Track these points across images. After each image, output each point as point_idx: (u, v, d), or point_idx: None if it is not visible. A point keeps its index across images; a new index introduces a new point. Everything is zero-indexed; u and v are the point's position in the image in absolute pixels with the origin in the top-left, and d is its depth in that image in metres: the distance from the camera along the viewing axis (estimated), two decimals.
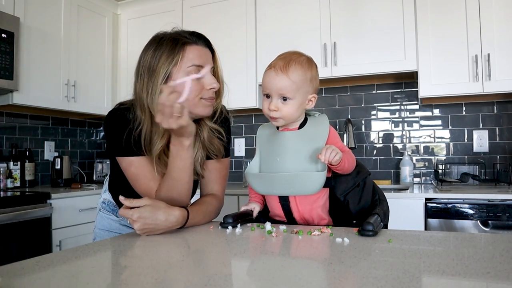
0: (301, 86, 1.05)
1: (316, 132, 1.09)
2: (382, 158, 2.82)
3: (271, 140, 1.14)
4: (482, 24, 2.27)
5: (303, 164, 1.06)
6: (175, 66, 1.05)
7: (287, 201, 1.11)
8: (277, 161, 1.09)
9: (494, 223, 1.96)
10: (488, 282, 0.62)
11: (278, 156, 1.09)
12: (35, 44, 2.56)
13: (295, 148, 1.08)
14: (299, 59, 1.07)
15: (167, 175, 1.09)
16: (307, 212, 1.11)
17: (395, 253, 0.79)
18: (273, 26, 2.75)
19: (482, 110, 2.60)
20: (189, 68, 1.06)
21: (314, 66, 1.10)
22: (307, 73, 1.06)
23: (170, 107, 0.93)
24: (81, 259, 0.80)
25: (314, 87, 1.09)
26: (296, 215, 1.12)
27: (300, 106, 1.07)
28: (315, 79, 1.09)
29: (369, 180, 1.17)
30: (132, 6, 3.22)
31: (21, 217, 2.10)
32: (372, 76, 2.62)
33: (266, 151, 1.14)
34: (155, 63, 1.05)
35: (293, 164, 1.07)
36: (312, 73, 1.08)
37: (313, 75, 1.08)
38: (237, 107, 2.80)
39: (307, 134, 1.09)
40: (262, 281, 0.66)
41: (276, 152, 1.10)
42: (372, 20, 2.50)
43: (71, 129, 3.28)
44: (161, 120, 0.95)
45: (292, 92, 1.04)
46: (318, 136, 1.08)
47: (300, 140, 1.09)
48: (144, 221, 0.97)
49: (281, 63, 1.05)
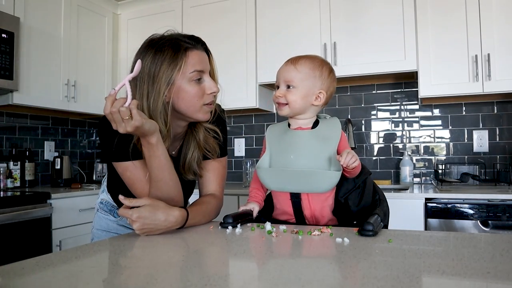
0: (306, 78, 1.10)
1: (329, 133, 1.12)
2: (382, 158, 2.82)
3: (283, 138, 1.15)
4: (482, 24, 2.27)
5: (317, 162, 1.08)
6: (178, 72, 1.05)
7: (299, 198, 1.12)
8: (291, 158, 1.10)
9: (494, 223, 1.96)
10: (488, 282, 0.62)
11: (292, 153, 1.11)
12: (35, 44, 2.56)
13: (309, 147, 1.10)
14: (313, 57, 1.14)
15: (150, 178, 1.08)
16: (318, 210, 1.12)
17: (395, 253, 0.79)
18: (273, 26, 2.75)
19: (482, 110, 2.60)
20: (191, 74, 1.07)
21: (327, 67, 1.14)
22: (316, 70, 1.11)
23: (117, 113, 0.92)
24: (81, 259, 0.80)
25: (324, 85, 1.12)
26: (307, 213, 1.13)
27: (305, 97, 1.10)
28: (326, 79, 1.12)
29: (369, 180, 1.18)
30: (132, 6, 3.22)
31: (21, 217, 2.10)
32: (372, 76, 2.61)
33: (278, 148, 1.15)
34: (156, 69, 1.04)
35: (308, 162, 1.08)
36: (322, 72, 1.12)
37: (323, 73, 1.12)
38: (237, 107, 2.80)
39: (320, 134, 1.12)
40: (262, 281, 0.66)
41: (289, 149, 1.12)
42: (372, 20, 2.50)
43: (71, 129, 3.28)
44: (116, 127, 0.95)
45: (296, 81, 1.10)
46: (331, 137, 1.11)
47: (314, 140, 1.11)
48: (143, 221, 0.97)
49: (294, 58, 1.13)
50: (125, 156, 1.10)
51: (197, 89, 1.08)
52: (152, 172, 1.06)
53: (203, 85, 1.10)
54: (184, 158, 1.19)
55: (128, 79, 0.95)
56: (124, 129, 0.94)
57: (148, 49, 1.07)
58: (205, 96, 1.10)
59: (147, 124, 0.97)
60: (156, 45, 1.07)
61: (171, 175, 1.09)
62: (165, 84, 1.04)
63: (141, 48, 1.10)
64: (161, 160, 1.05)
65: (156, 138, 1.02)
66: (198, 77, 1.08)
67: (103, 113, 0.97)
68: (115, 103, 0.93)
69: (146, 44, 1.10)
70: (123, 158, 1.10)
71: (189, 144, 1.19)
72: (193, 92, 1.08)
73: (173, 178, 1.10)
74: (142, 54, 1.07)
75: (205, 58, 1.12)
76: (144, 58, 1.06)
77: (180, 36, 1.10)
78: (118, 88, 0.95)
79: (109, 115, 0.94)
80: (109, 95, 0.94)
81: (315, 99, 1.11)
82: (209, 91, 1.10)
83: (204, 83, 1.10)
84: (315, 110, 1.15)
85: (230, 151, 3.19)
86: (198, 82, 1.09)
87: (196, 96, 1.08)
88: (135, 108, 0.93)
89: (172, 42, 1.07)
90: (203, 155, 1.21)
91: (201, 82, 1.09)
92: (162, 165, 1.05)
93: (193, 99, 1.08)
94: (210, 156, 1.22)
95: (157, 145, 1.02)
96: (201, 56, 1.10)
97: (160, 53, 1.05)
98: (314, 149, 1.09)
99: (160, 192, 1.08)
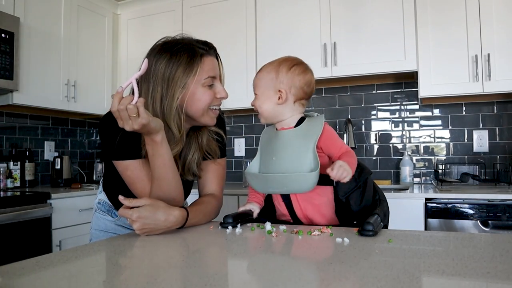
0: (264, 83, 1.14)
1: (309, 130, 1.11)
2: (382, 158, 2.82)
3: (270, 140, 1.17)
4: (482, 24, 2.27)
5: (295, 161, 1.08)
6: (193, 77, 1.07)
7: (288, 199, 1.13)
8: (273, 160, 1.12)
9: (494, 223, 1.96)
10: (488, 282, 0.62)
11: (274, 155, 1.12)
12: (35, 44, 2.56)
13: (289, 146, 1.11)
14: (274, 61, 1.16)
15: (152, 177, 1.09)
16: (310, 210, 1.12)
17: (395, 253, 0.79)
18: (273, 26, 2.75)
19: (482, 110, 2.60)
20: (205, 80, 1.10)
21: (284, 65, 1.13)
22: (271, 72, 1.14)
23: (125, 110, 0.93)
24: (81, 259, 0.80)
25: (283, 83, 1.12)
26: (298, 213, 1.13)
27: (267, 100, 1.12)
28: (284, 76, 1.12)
29: (370, 180, 1.18)
30: (132, 6, 3.22)
31: (21, 217, 2.10)
32: (372, 76, 2.61)
33: (266, 151, 1.17)
34: (171, 73, 1.06)
35: (286, 163, 1.09)
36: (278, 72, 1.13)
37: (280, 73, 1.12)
38: (237, 107, 2.80)
39: (300, 132, 1.12)
40: (262, 281, 0.66)
41: (272, 151, 1.13)
42: (372, 20, 2.50)
43: (71, 129, 3.28)
44: (122, 125, 0.95)
45: (257, 88, 1.15)
46: (311, 133, 1.10)
47: (294, 138, 1.11)
48: (143, 221, 0.97)
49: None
50: (127, 155, 1.10)
51: (208, 93, 1.11)
52: (155, 171, 1.06)
53: (214, 90, 1.13)
54: (184, 160, 1.19)
55: (135, 78, 0.96)
56: (131, 126, 0.95)
57: (163, 52, 1.08)
58: (214, 100, 1.13)
59: (153, 122, 0.98)
60: (171, 49, 1.08)
61: (174, 174, 1.09)
62: (179, 88, 1.06)
63: (154, 51, 1.10)
64: (164, 158, 1.05)
65: (161, 136, 1.02)
66: (211, 83, 1.12)
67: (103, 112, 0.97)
68: (122, 100, 0.93)
69: (160, 46, 1.11)
70: (124, 157, 1.11)
71: (191, 146, 1.20)
72: (205, 97, 1.11)
73: (176, 177, 1.10)
74: (156, 57, 1.08)
75: (217, 64, 1.15)
76: (158, 61, 1.07)
77: (194, 42, 1.12)
78: (125, 86, 0.96)
79: (116, 113, 0.94)
80: (116, 92, 0.95)
81: (278, 98, 1.12)
82: (219, 95, 1.14)
83: (215, 88, 1.13)
84: (291, 109, 1.13)
85: (230, 151, 3.20)
86: (210, 87, 1.12)
87: (207, 101, 1.11)
88: (142, 106, 0.94)
89: (188, 47, 1.09)
90: (203, 157, 1.22)
91: (212, 87, 1.13)
92: (166, 164, 1.06)
93: (204, 103, 1.11)
94: (210, 158, 1.23)
95: (161, 143, 1.03)
96: (214, 62, 1.14)
97: (175, 57, 1.07)
98: (294, 148, 1.10)
99: (162, 191, 1.08)
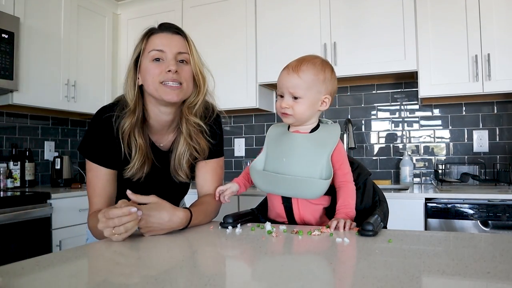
0: (312, 86, 1.06)
1: (325, 139, 1.09)
2: (382, 158, 2.82)
3: (281, 139, 1.14)
4: (482, 24, 2.27)
5: (308, 168, 1.06)
6: (142, 54, 1.14)
7: (289, 202, 1.12)
8: (283, 162, 1.09)
9: (494, 223, 1.96)
10: (488, 282, 0.62)
11: (285, 156, 1.09)
12: (35, 44, 2.56)
13: (303, 151, 1.08)
14: (313, 60, 1.08)
15: None
16: (307, 215, 1.12)
17: (395, 253, 0.79)
18: (273, 26, 2.75)
19: (482, 110, 2.60)
20: (150, 53, 1.12)
21: (328, 68, 1.10)
22: (319, 74, 1.07)
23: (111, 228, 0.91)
24: (81, 259, 0.80)
25: (328, 88, 1.09)
26: (296, 217, 1.13)
27: (312, 106, 1.08)
28: (329, 81, 1.09)
29: (369, 181, 1.18)
30: (132, 6, 3.22)
31: (21, 217, 2.10)
32: (372, 76, 2.61)
33: (274, 149, 1.14)
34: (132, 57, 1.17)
35: (298, 167, 1.07)
36: (325, 75, 1.08)
37: (326, 77, 1.08)
38: (237, 107, 2.81)
39: (316, 139, 1.09)
40: (262, 281, 0.66)
41: (283, 152, 1.10)
42: (372, 20, 2.50)
43: (71, 129, 3.28)
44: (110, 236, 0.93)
45: (302, 91, 1.06)
46: (327, 143, 1.08)
47: (309, 144, 1.09)
48: (148, 218, 0.96)
49: (294, 63, 1.08)
50: (95, 157, 1.16)
51: (155, 66, 1.12)
52: None
53: (163, 64, 1.13)
54: (175, 153, 1.20)
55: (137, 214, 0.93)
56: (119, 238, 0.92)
57: None
58: (164, 74, 1.12)
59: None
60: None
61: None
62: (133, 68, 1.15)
63: None
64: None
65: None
66: (157, 57, 1.12)
67: None
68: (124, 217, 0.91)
69: None
70: (92, 158, 1.16)
71: (179, 138, 1.21)
72: (153, 70, 1.12)
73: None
74: None
75: (172, 41, 1.14)
76: None
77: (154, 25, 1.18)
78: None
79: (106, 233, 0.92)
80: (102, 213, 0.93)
81: (320, 104, 1.09)
82: (166, 69, 1.12)
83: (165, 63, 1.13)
84: (317, 115, 1.13)
85: (230, 151, 3.19)
86: (157, 61, 1.13)
87: (155, 74, 1.12)
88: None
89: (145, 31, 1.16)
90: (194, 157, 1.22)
91: (161, 62, 1.13)
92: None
93: (152, 76, 1.12)
94: (198, 157, 1.22)
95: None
96: (165, 38, 1.14)
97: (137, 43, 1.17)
98: (308, 153, 1.07)
99: None
